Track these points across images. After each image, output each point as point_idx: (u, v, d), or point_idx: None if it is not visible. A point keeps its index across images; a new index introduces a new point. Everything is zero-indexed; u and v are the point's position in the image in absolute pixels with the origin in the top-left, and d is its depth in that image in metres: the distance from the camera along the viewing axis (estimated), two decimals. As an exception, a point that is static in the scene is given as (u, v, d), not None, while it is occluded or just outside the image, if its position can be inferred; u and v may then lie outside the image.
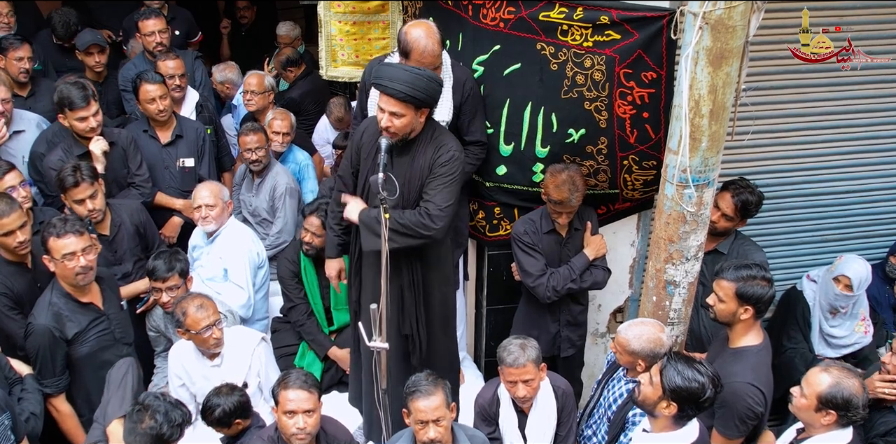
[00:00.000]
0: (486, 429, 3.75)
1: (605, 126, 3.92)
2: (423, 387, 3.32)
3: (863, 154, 4.59)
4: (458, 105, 3.92)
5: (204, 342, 3.87)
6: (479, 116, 4.08)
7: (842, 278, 4.40)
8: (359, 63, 5.08)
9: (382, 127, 3.48)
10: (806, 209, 4.70)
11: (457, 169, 3.60)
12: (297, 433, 3.34)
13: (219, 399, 3.60)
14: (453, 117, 3.95)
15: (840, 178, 4.64)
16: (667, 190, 3.51)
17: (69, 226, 3.67)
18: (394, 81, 3.39)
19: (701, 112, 3.29)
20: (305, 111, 6.34)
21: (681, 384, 3.05)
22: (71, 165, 4.16)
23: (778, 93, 4.27)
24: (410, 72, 3.41)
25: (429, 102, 3.47)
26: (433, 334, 3.93)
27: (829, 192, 4.66)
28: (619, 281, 4.53)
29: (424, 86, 3.39)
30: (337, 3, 4.90)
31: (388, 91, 3.40)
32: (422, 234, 3.57)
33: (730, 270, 3.43)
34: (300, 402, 3.33)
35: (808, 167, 4.56)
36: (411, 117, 3.47)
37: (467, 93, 3.93)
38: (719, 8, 3.10)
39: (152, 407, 3.06)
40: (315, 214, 4.46)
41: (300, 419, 3.32)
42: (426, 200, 3.57)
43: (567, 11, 3.73)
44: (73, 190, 4.12)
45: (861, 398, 3.04)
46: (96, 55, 5.74)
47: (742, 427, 3.41)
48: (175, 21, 6.49)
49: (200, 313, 3.80)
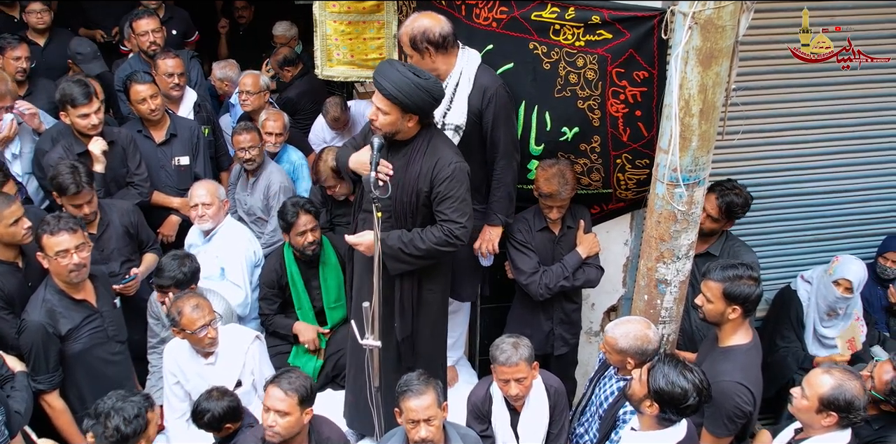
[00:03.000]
0: (478, 427, 3.77)
1: (599, 124, 3.94)
2: (414, 386, 3.33)
3: (853, 154, 4.60)
4: (479, 111, 3.89)
5: (199, 342, 3.88)
6: (503, 125, 3.95)
7: (842, 282, 4.40)
8: (354, 63, 5.10)
9: (368, 118, 3.56)
10: (796, 209, 4.71)
11: (461, 183, 3.61)
12: (267, 429, 3.35)
13: (209, 404, 3.59)
14: (478, 125, 3.93)
15: (830, 177, 4.65)
16: (658, 189, 3.53)
17: (63, 223, 3.69)
18: (384, 77, 3.45)
19: (691, 112, 3.30)
20: (302, 111, 6.36)
21: (664, 387, 3.07)
22: (68, 169, 4.15)
23: (768, 93, 4.28)
24: (402, 74, 3.44)
25: (412, 108, 3.47)
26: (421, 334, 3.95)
27: (819, 191, 4.67)
28: (612, 280, 4.54)
29: (409, 91, 3.41)
30: (332, 2, 4.92)
31: (377, 85, 3.48)
32: (450, 251, 3.68)
33: (717, 270, 3.44)
34: (274, 400, 3.32)
35: (799, 167, 4.57)
36: (395, 118, 3.49)
37: (488, 100, 3.87)
38: (709, 8, 3.12)
39: (104, 413, 3.06)
40: (301, 213, 4.45)
41: (271, 416, 3.33)
42: (444, 220, 3.60)
43: (559, 11, 3.74)
44: (74, 197, 4.15)
45: (862, 400, 3.05)
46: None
47: (731, 426, 3.42)
48: (172, 21, 6.51)
49: (196, 313, 3.81)
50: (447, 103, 3.85)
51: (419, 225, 3.68)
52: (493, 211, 4.09)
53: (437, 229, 3.61)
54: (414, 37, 3.76)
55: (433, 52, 3.78)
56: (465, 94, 3.87)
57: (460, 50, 3.87)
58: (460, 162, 3.65)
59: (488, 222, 4.12)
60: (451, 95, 3.85)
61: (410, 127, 3.57)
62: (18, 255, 3.94)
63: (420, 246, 3.58)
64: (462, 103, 3.87)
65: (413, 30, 3.76)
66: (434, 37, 3.75)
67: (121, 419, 3.02)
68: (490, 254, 4.21)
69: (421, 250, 3.59)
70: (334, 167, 4.80)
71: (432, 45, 3.77)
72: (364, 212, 3.79)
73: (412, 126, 3.57)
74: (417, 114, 3.52)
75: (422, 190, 3.61)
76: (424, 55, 3.79)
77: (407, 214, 3.67)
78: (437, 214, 3.64)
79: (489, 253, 4.19)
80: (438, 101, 3.57)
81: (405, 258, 3.61)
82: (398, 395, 3.37)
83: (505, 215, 4.09)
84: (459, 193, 3.60)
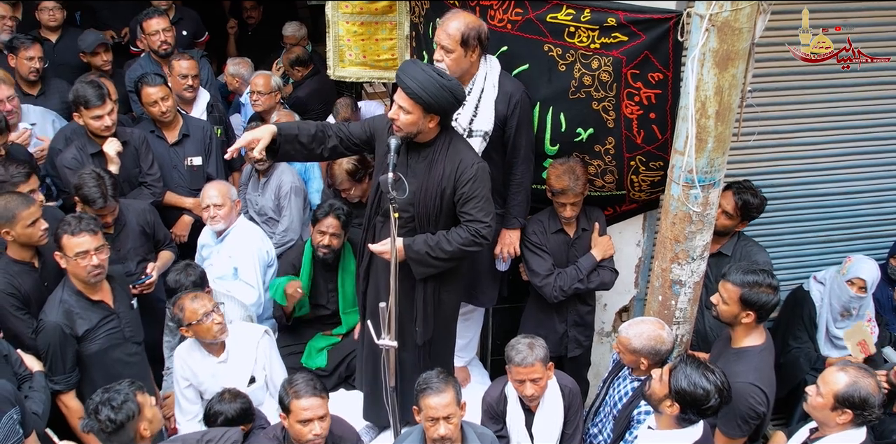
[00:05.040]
0: (493, 427, 3.78)
1: (613, 126, 3.95)
2: (434, 384, 3.35)
3: (867, 155, 4.59)
4: (504, 118, 3.91)
5: (208, 331, 3.87)
6: (525, 131, 3.99)
7: (856, 281, 4.41)
8: (366, 63, 5.12)
9: (390, 117, 3.55)
10: (810, 210, 4.71)
11: (485, 183, 3.62)
12: (314, 439, 3.37)
13: (221, 406, 3.62)
14: (501, 131, 3.94)
15: (844, 178, 4.64)
16: (673, 190, 3.54)
17: (84, 224, 3.70)
18: (409, 76, 3.44)
19: (707, 113, 3.31)
20: (312, 111, 6.36)
21: (686, 387, 3.08)
22: (94, 180, 4.15)
23: (783, 94, 4.28)
24: (427, 73, 3.45)
25: (436, 108, 3.47)
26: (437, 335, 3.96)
27: (833, 192, 4.67)
28: (624, 281, 4.54)
29: (434, 91, 3.42)
30: (345, 3, 4.93)
31: (401, 84, 3.47)
32: (476, 249, 3.68)
33: (737, 273, 3.44)
34: (315, 409, 3.35)
35: (813, 168, 4.57)
36: (417, 118, 3.49)
37: (514, 106, 3.88)
38: (726, 10, 3.13)
39: (92, 410, 3.08)
40: (332, 215, 4.47)
41: (316, 425, 3.35)
42: (470, 220, 3.61)
43: (574, 13, 3.74)
44: (100, 210, 4.17)
45: (877, 398, 3.06)
46: (103, 55, 5.78)
47: (745, 427, 3.43)
48: (182, 21, 6.53)
49: (196, 303, 3.84)
50: (472, 109, 3.86)
51: (442, 227, 3.68)
52: (513, 215, 4.11)
53: (463, 230, 3.61)
54: (468, 33, 3.70)
55: (478, 50, 3.78)
56: (492, 99, 3.87)
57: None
58: (482, 162, 3.66)
59: (507, 226, 4.14)
60: (476, 100, 3.86)
61: (431, 128, 3.57)
62: (35, 255, 3.95)
63: (447, 248, 3.59)
64: (489, 109, 3.87)
65: (467, 26, 3.71)
66: (484, 35, 3.76)
67: (109, 409, 3.03)
68: (509, 258, 4.23)
69: (447, 253, 3.59)
70: (349, 170, 4.83)
71: (480, 44, 3.76)
72: (381, 216, 3.79)
73: (433, 127, 3.57)
74: (439, 114, 3.52)
75: (446, 192, 3.61)
76: (468, 53, 3.75)
77: (430, 217, 3.68)
78: (461, 215, 3.65)
79: (509, 257, 4.21)
80: (460, 102, 3.57)
81: (432, 262, 3.62)
82: (417, 393, 3.39)
83: (522, 218, 4.13)
84: (484, 193, 3.61)
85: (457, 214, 3.68)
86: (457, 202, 3.64)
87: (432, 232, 3.65)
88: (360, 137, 3.80)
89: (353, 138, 3.80)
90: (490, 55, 3.93)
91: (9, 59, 5.36)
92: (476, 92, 3.86)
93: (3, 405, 3.24)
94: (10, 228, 3.77)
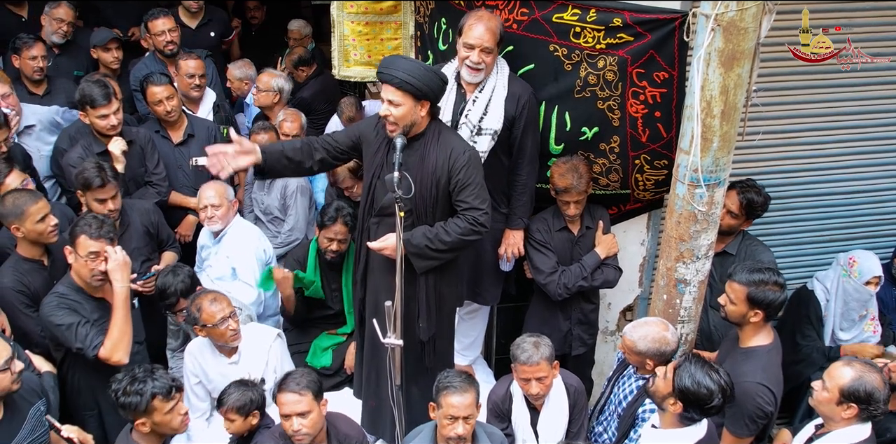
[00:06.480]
0: (498, 425, 3.79)
1: (618, 125, 3.96)
2: (457, 383, 3.37)
3: (871, 154, 4.61)
4: (512, 118, 3.93)
5: (222, 336, 3.88)
6: (532, 132, 4.04)
7: (872, 279, 4.42)
8: (371, 63, 5.12)
9: (381, 115, 3.56)
10: (814, 209, 4.72)
11: (478, 169, 3.65)
12: (294, 435, 3.38)
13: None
14: (507, 132, 3.96)
15: (848, 178, 4.65)
16: (678, 189, 3.55)
17: (104, 231, 3.71)
18: (392, 68, 3.48)
19: (712, 113, 3.32)
20: (316, 111, 6.35)
21: (689, 386, 3.10)
22: (94, 165, 4.19)
23: (788, 94, 4.29)
24: (409, 61, 3.51)
25: (426, 92, 3.50)
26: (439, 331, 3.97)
27: (837, 192, 4.68)
28: (629, 280, 4.56)
29: (421, 75, 3.46)
30: (350, 3, 4.94)
31: (386, 78, 3.49)
32: (475, 238, 3.69)
33: (743, 272, 3.44)
34: (291, 405, 3.35)
35: (817, 167, 4.58)
36: (409, 108, 3.51)
37: (522, 107, 3.92)
38: (731, 10, 3.14)
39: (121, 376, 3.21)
40: (340, 221, 4.47)
41: (294, 421, 3.35)
42: (466, 208, 3.63)
43: (580, 13, 3.75)
44: (99, 190, 4.16)
45: (883, 393, 3.07)
46: (114, 51, 5.79)
47: (752, 426, 3.44)
48: (211, 23, 6.54)
49: (214, 306, 3.83)
50: (483, 107, 3.88)
51: (439, 218, 3.69)
52: (517, 215, 4.13)
53: (461, 219, 3.63)
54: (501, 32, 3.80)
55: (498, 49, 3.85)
56: (502, 98, 3.90)
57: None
58: (473, 149, 3.70)
59: (511, 226, 4.15)
60: (487, 98, 3.88)
61: (423, 117, 3.59)
62: (44, 253, 3.97)
63: (446, 239, 3.60)
64: (499, 108, 3.89)
65: (498, 25, 3.80)
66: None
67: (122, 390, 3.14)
68: (513, 258, 4.24)
69: (447, 243, 3.60)
70: (351, 167, 4.84)
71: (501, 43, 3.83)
72: (377, 216, 3.78)
73: (424, 116, 3.59)
74: (429, 99, 3.54)
75: (441, 181, 3.63)
76: (495, 51, 3.83)
77: (427, 209, 3.69)
78: (457, 204, 3.66)
79: (513, 257, 4.22)
80: (446, 83, 3.63)
81: (432, 255, 3.63)
82: (438, 390, 3.41)
83: (526, 218, 4.15)
84: (478, 180, 3.64)
85: (453, 204, 3.69)
86: (452, 191, 3.65)
87: (430, 224, 3.67)
88: (347, 144, 3.83)
89: (341, 147, 3.82)
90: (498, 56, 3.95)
91: (12, 59, 5.37)
92: (488, 90, 3.88)
93: (30, 397, 3.26)
94: (19, 224, 3.79)
